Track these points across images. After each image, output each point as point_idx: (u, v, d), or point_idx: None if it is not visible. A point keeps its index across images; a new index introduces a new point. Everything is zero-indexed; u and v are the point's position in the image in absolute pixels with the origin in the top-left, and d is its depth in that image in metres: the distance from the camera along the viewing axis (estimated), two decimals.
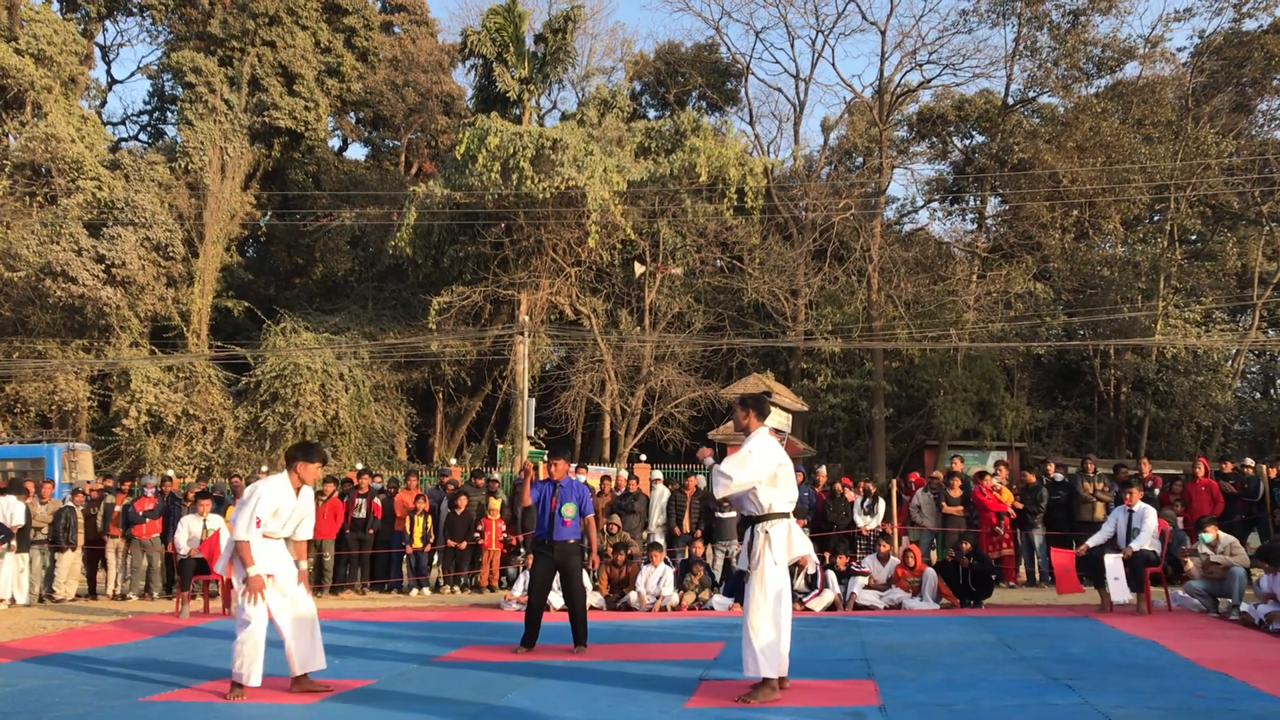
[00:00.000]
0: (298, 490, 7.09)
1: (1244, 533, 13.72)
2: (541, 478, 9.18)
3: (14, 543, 13.62)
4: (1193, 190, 29.93)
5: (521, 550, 14.25)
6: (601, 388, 29.05)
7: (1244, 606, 9.85)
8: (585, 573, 12.82)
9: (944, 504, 14.41)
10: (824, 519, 14.51)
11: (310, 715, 6.38)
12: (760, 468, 6.59)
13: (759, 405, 6.95)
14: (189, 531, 12.75)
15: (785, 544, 6.62)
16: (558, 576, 8.90)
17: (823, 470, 16.53)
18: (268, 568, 6.96)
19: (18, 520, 13.72)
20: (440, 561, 15.22)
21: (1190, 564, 10.82)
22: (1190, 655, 7.78)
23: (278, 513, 6.98)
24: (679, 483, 15.81)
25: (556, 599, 10.36)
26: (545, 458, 8.90)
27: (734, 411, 7.07)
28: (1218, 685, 6.65)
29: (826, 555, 12.92)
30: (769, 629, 6.45)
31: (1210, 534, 10.77)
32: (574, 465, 17.09)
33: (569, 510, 8.75)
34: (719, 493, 6.74)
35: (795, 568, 12.23)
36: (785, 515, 6.69)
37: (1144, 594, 10.69)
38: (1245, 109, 32.34)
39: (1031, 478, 14.86)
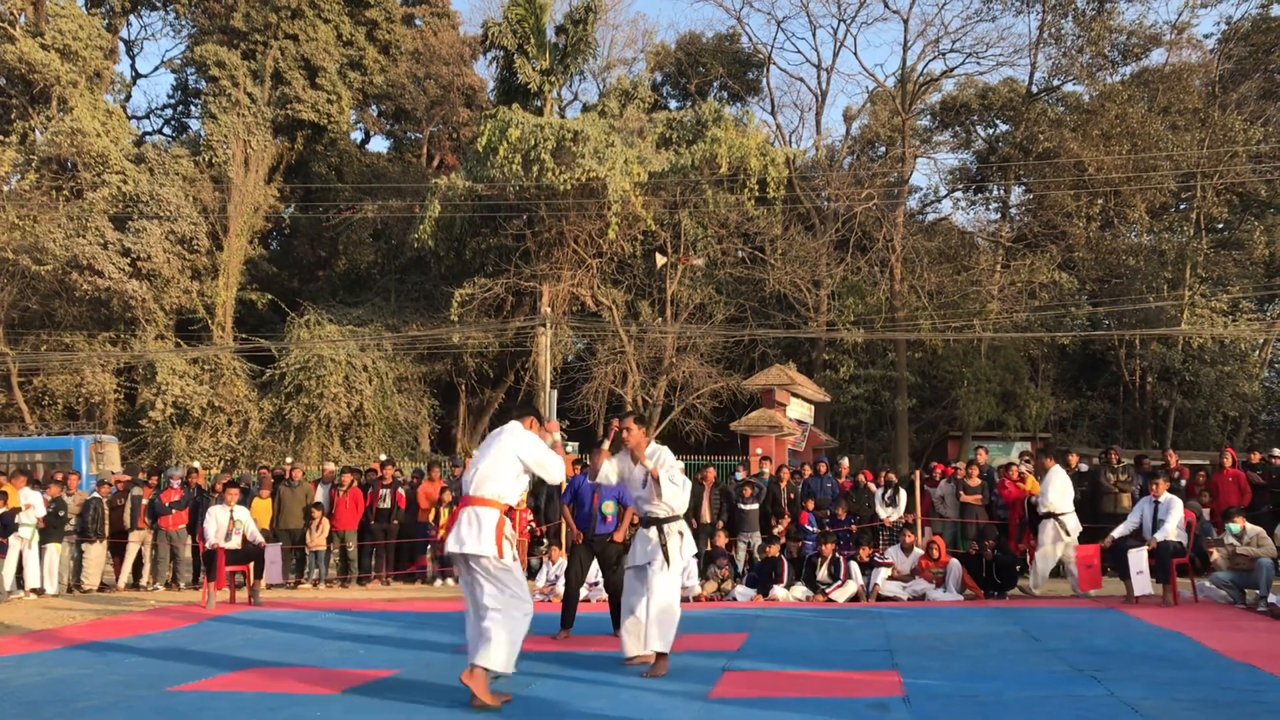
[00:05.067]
0: None
1: (1271, 523, 13.54)
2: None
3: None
4: (1219, 178, 29.59)
5: (544, 540, 14.29)
6: (623, 379, 29.05)
7: (1271, 598, 9.76)
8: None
9: (961, 493, 14.30)
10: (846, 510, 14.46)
11: (336, 705, 6.42)
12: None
13: (639, 419, 7.69)
14: (217, 522, 12.83)
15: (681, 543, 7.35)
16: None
17: (845, 461, 16.56)
18: None
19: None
20: None
21: (1217, 555, 10.74)
22: (1217, 646, 7.72)
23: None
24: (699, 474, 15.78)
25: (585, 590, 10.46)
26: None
27: (629, 433, 7.25)
28: (1245, 677, 6.60)
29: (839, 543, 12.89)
30: (677, 608, 7.12)
31: (1237, 525, 10.67)
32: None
33: (609, 508, 8.78)
34: (669, 494, 7.17)
35: (819, 559, 12.24)
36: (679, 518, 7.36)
37: (1170, 585, 10.62)
38: (1273, 95, 31.90)
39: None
